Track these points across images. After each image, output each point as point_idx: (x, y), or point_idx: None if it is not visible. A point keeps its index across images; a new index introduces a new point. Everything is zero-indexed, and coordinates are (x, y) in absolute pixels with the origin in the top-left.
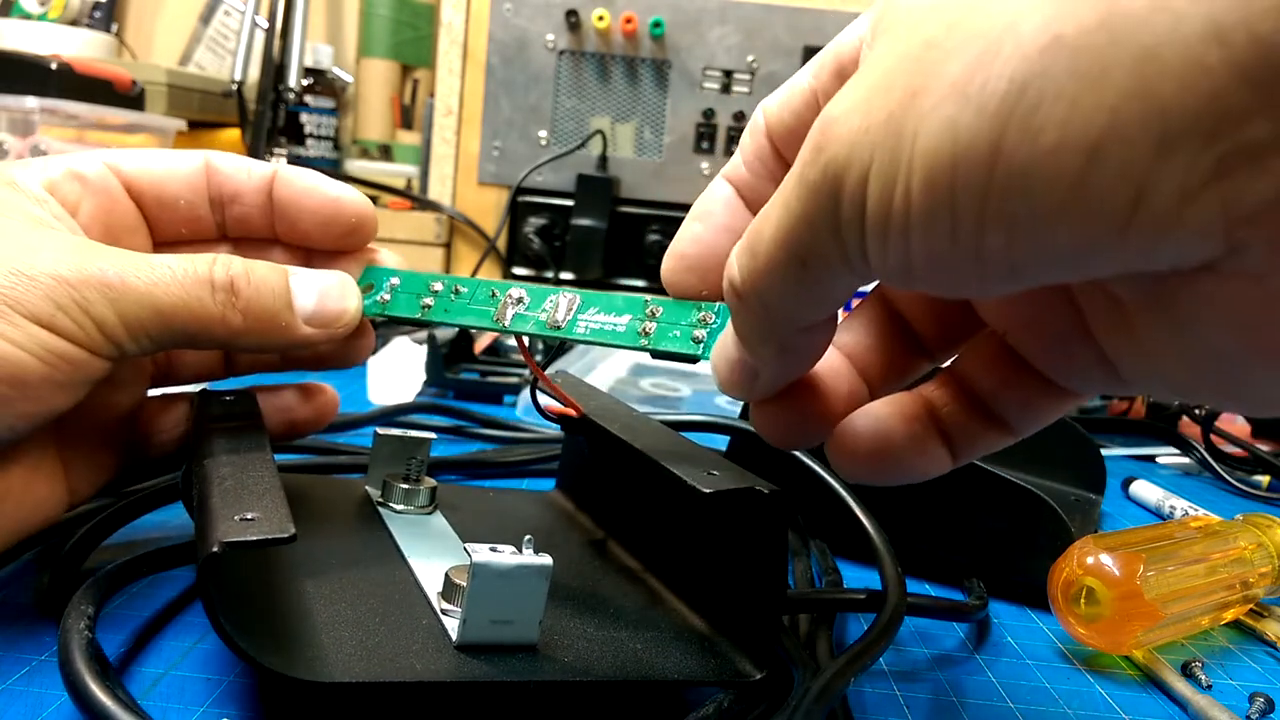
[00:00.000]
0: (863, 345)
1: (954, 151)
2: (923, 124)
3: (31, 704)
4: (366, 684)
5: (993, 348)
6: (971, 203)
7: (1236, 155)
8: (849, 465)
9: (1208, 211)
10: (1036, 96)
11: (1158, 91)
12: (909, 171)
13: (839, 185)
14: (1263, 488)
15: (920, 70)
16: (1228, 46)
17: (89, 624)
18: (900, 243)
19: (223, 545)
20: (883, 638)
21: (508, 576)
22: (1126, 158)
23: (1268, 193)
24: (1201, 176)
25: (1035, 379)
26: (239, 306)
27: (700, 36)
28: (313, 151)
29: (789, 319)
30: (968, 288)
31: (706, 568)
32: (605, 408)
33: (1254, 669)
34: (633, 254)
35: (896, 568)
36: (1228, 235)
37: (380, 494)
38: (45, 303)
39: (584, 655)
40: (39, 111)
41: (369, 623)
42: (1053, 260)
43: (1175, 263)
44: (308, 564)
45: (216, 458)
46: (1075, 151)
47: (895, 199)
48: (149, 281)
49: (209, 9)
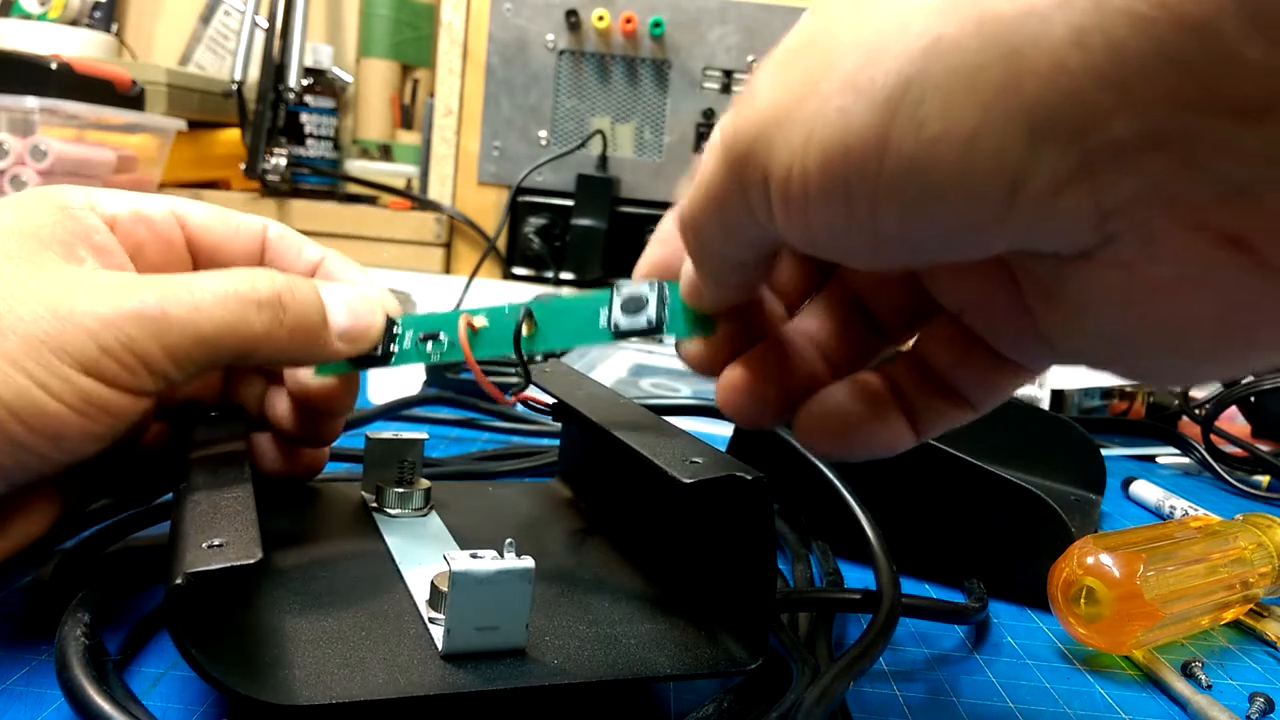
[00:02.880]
0: (824, 329)
1: (845, 140)
2: (819, 113)
3: (31, 704)
4: (344, 704)
5: (949, 327)
6: (864, 185)
7: (1101, 152)
8: (813, 438)
9: (1078, 201)
10: (919, 92)
11: (1025, 89)
12: (804, 155)
13: (747, 158)
14: (1263, 488)
15: (820, 62)
16: (1086, 50)
17: (85, 630)
18: (800, 215)
19: (187, 576)
20: (879, 639)
21: (489, 583)
22: (1000, 148)
23: (1134, 186)
24: (1070, 170)
25: (989, 355)
26: (287, 322)
27: (700, 36)
28: (313, 151)
29: (715, 251)
30: (867, 258)
31: (696, 557)
32: (592, 396)
33: (1254, 669)
34: (633, 254)
35: (892, 568)
36: (1099, 225)
37: (374, 499)
38: (88, 346)
39: (574, 655)
40: (39, 111)
41: (354, 636)
42: (944, 238)
43: (1055, 248)
44: (297, 576)
45: (194, 479)
46: (955, 141)
47: (793, 178)
48: (190, 306)
49: (209, 9)
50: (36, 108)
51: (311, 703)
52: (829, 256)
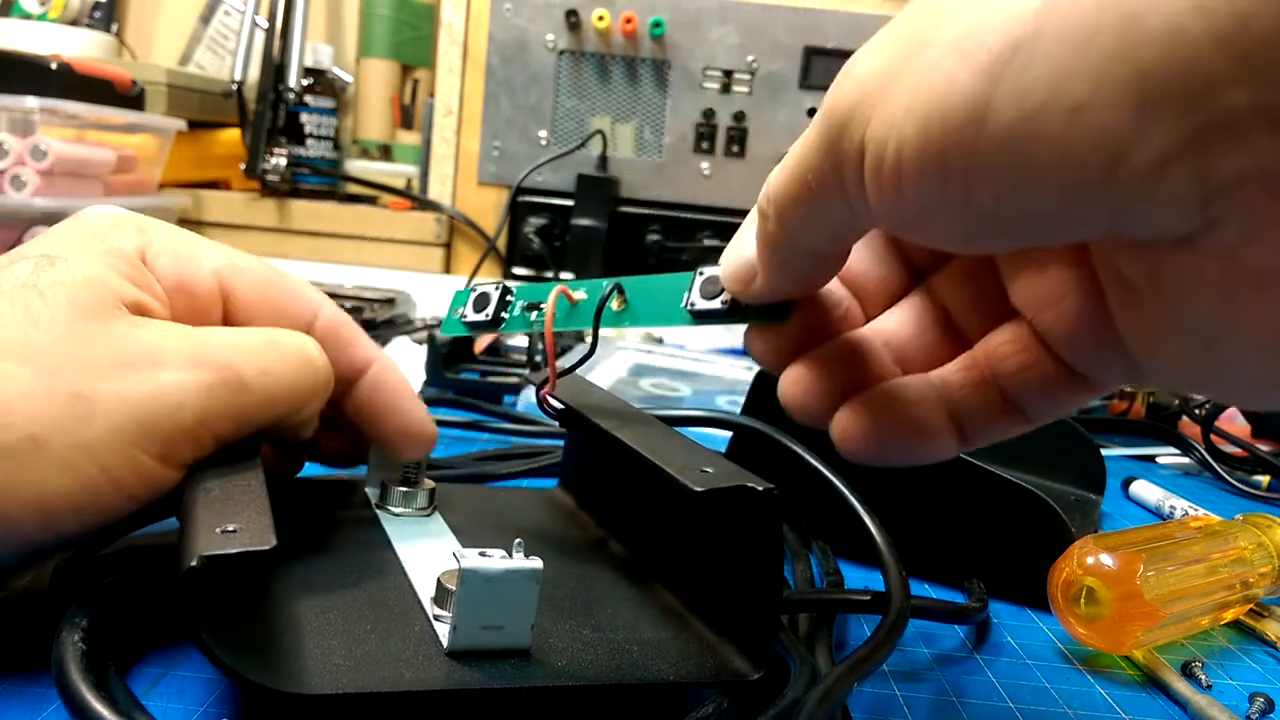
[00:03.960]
0: (903, 332)
1: (945, 105)
2: (921, 79)
3: (31, 704)
4: (352, 695)
5: (1021, 333)
6: (960, 156)
7: (1214, 124)
8: (854, 440)
9: (1183, 179)
10: (1027, 57)
11: (1140, 57)
12: (903, 123)
13: (845, 126)
14: (1263, 488)
15: (926, 28)
16: (1207, 14)
17: (83, 635)
18: (893, 190)
19: (202, 559)
20: (887, 642)
21: (497, 581)
22: (1106, 121)
23: (1243, 164)
24: (1178, 143)
25: (1057, 366)
26: (321, 381)
27: (700, 36)
28: (313, 151)
29: (794, 237)
30: (959, 240)
31: (702, 566)
32: (603, 405)
33: (1254, 669)
34: (633, 254)
35: (901, 571)
36: (1204, 206)
37: (379, 497)
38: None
39: (578, 659)
40: (39, 111)
41: (360, 630)
42: (1038, 217)
43: (1155, 232)
44: (302, 570)
45: (205, 468)
46: (1059, 111)
47: (889, 149)
48: (260, 370)
49: (209, 9)
50: (36, 108)
51: (321, 692)
52: (920, 237)
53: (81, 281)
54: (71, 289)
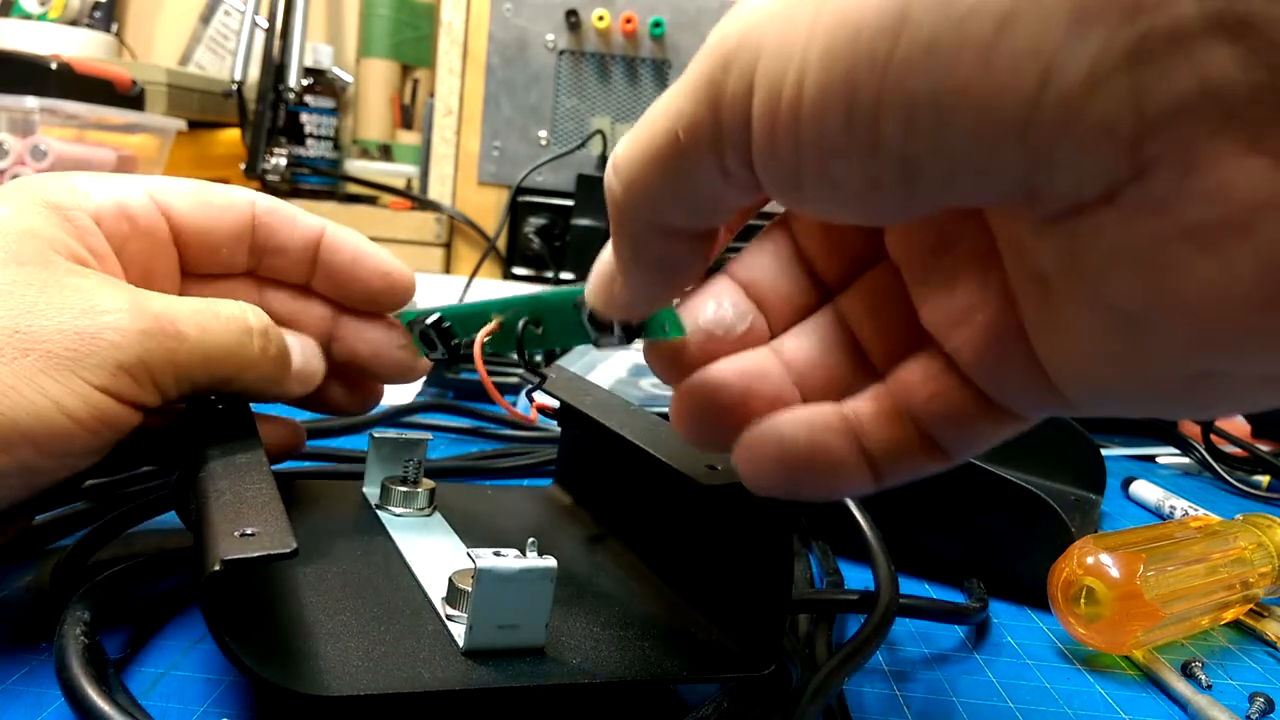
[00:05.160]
0: (807, 352)
1: (857, 20)
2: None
3: (31, 704)
4: (375, 696)
5: (932, 362)
6: (871, 79)
7: (1155, 35)
8: (756, 471)
9: (1116, 100)
10: None
11: None
12: (807, 46)
13: (729, 65)
14: (1263, 488)
15: None
16: None
17: (85, 629)
18: (788, 129)
19: (224, 563)
20: (875, 637)
21: (513, 581)
22: (1038, 30)
23: (1185, 87)
24: (1115, 57)
25: (972, 395)
26: (270, 352)
27: (700, 36)
28: (313, 151)
29: (648, 210)
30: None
31: (709, 562)
32: (600, 402)
33: (1254, 669)
34: None
35: (889, 566)
36: (1136, 145)
37: (379, 497)
38: (109, 363)
39: (592, 656)
40: (39, 111)
41: (374, 631)
42: (948, 159)
43: (1076, 185)
44: (309, 572)
45: (212, 469)
46: (986, 17)
47: (788, 78)
48: (199, 327)
49: (209, 9)
50: (36, 108)
51: (341, 694)
52: (807, 202)
53: (15, 232)
54: (5, 238)
